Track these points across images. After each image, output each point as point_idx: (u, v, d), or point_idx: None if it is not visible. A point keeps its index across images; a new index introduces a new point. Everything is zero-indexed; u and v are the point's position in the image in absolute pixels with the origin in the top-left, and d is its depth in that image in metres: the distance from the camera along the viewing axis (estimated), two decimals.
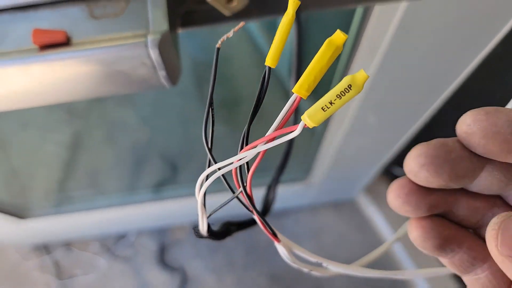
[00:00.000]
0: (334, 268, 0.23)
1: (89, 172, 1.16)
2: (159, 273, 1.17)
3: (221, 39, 0.19)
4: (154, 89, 0.32)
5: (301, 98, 0.17)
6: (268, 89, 0.18)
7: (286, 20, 0.17)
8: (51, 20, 0.29)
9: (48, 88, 0.30)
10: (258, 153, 0.18)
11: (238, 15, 0.35)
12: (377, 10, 0.45)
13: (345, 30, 0.53)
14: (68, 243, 1.22)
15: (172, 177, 1.13)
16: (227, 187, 0.21)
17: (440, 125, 0.90)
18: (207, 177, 0.20)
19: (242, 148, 0.19)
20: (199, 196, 0.20)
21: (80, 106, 1.19)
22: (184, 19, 0.35)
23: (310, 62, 0.16)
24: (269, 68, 0.18)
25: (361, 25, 0.49)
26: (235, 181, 0.20)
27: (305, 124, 0.16)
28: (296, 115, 0.39)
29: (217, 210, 0.22)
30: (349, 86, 0.15)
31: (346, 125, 0.68)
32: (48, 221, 1.05)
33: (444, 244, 0.22)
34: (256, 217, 0.21)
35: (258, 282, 1.13)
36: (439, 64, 0.55)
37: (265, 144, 0.18)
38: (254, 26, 1.18)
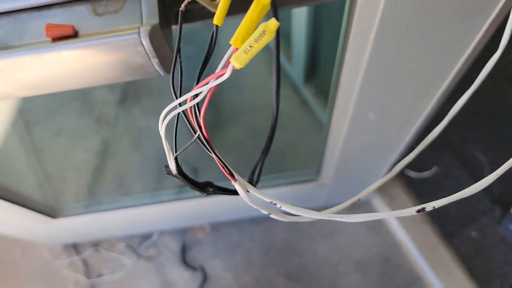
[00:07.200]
0: (287, 209, 0.27)
1: (116, 175, 1.23)
2: (182, 272, 1.22)
3: (184, 3, 0.24)
4: (151, 76, 0.38)
5: (237, 48, 0.21)
6: (283, 97, 0.23)
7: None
8: (62, 17, 0.35)
9: (59, 74, 0.36)
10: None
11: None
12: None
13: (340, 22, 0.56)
14: (96, 244, 1.29)
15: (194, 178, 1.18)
16: (188, 125, 0.25)
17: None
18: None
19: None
20: (162, 130, 0.25)
21: (108, 114, 1.27)
22: (177, 17, 0.40)
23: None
24: (217, 26, 0.23)
25: (349, 16, 0.52)
26: (191, 118, 0.24)
27: (234, 66, 0.21)
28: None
29: (184, 149, 0.27)
30: (263, 31, 0.19)
31: (347, 122, 0.72)
32: (77, 220, 1.12)
33: None
34: (214, 156, 0.25)
35: (274, 282, 1.16)
36: (431, 56, 0.57)
37: (215, 80, 0.22)
38: None
